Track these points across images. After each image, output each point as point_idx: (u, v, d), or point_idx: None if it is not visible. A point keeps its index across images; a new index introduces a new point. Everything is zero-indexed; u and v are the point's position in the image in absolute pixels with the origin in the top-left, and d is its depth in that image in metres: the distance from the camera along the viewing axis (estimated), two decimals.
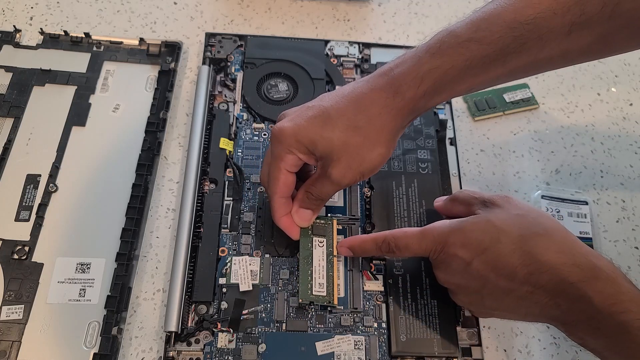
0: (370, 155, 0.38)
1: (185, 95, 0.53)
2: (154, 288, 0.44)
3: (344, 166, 0.38)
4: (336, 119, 0.38)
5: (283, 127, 0.38)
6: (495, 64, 0.36)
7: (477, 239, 0.35)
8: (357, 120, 0.37)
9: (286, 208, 0.42)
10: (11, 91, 0.50)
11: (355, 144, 0.37)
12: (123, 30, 0.56)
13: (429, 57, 0.37)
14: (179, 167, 0.49)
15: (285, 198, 0.41)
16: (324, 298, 0.41)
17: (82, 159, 0.48)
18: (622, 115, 0.55)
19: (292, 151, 0.39)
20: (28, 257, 0.43)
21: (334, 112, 0.38)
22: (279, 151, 0.39)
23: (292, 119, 0.39)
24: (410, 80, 0.37)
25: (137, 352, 0.41)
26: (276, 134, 0.39)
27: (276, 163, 0.40)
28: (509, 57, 0.36)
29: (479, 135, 0.53)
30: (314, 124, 0.38)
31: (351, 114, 0.38)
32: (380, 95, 0.38)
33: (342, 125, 0.37)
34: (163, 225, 0.46)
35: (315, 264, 0.42)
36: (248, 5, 0.59)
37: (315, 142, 0.38)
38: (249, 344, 0.40)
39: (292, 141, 0.38)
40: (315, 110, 0.39)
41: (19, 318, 0.41)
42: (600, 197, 0.50)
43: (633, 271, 0.47)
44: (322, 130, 0.38)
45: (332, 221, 0.44)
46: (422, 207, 0.46)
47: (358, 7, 0.60)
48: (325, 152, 0.38)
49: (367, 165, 0.38)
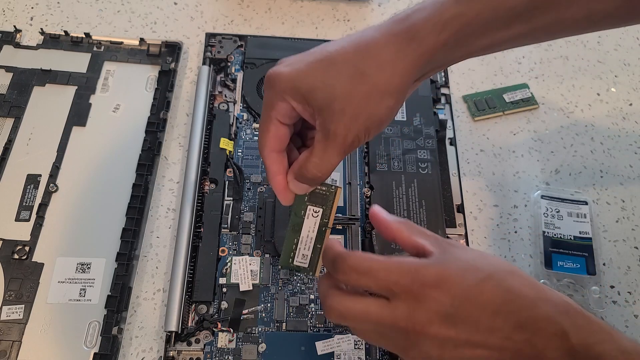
0: (379, 106, 0.33)
1: (185, 95, 0.53)
2: (154, 288, 0.44)
3: (348, 119, 0.33)
4: (341, 64, 0.33)
5: (279, 71, 0.34)
6: (520, 19, 0.34)
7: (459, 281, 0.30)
8: (365, 67, 0.33)
9: (279, 164, 0.36)
10: (11, 91, 0.50)
11: (361, 92, 0.33)
12: (123, 30, 0.56)
13: (454, 3, 0.33)
14: (179, 167, 0.49)
15: (277, 152, 0.36)
16: (305, 269, 0.37)
17: (83, 159, 0.48)
18: (621, 115, 0.55)
19: (285, 98, 0.34)
20: (28, 257, 0.43)
21: (339, 57, 0.33)
22: (271, 98, 0.34)
23: (291, 63, 0.34)
24: (430, 26, 0.33)
25: (137, 352, 0.41)
26: (270, 78, 0.34)
27: (267, 111, 0.35)
28: (535, 12, 0.33)
29: (479, 135, 0.53)
30: (315, 69, 0.33)
31: (359, 59, 0.33)
32: (394, 40, 0.33)
33: (348, 71, 0.33)
34: (163, 225, 0.47)
35: (303, 235, 0.37)
36: (248, 6, 0.59)
37: (314, 90, 0.33)
38: (249, 344, 0.40)
39: (288, 87, 0.33)
40: (318, 54, 0.34)
41: (19, 318, 0.41)
42: (600, 197, 0.51)
43: (633, 271, 0.47)
44: (324, 75, 0.33)
45: (336, 190, 0.37)
46: (422, 207, 0.46)
47: (358, 7, 0.60)
48: (325, 102, 0.33)
49: (374, 119, 0.33)
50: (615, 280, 0.46)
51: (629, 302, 0.45)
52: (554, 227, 0.47)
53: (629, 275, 0.47)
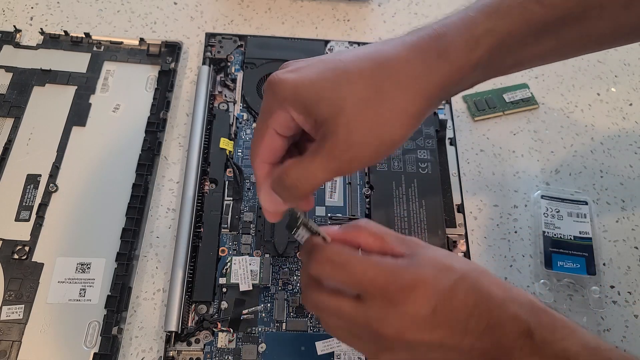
0: (391, 130, 0.29)
1: (185, 95, 0.53)
2: (154, 288, 0.44)
3: (351, 136, 0.29)
4: (355, 76, 0.29)
5: (283, 77, 0.30)
6: (549, 34, 0.31)
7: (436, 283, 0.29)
8: (382, 83, 0.29)
9: (268, 177, 0.33)
10: (11, 91, 0.50)
11: (374, 112, 0.29)
12: (123, 30, 0.56)
13: (485, 18, 0.30)
14: (179, 167, 0.49)
15: (268, 164, 0.33)
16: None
17: (82, 159, 0.48)
18: (621, 115, 0.55)
19: (286, 107, 0.30)
20: (28, 257, 0.43)
21: (354, 68, 0.30)
22: (270, 105, 0.31)
23: (298, 69, 0.31)
24: (462, 42, 0.29)
25: (137, 352, 0.41)
26: (272, 83, 0.30)
27: (264, 119, 0.31)
28: (564, 27, 0.31)
29: (479, 135, 0.53)
30: (325, 79, 0.30)
31: (376, 74, 0.29)
32: (420, 57, 0.30)
33: (362, 85, 0.29)
34: (163, 225, 0.47)
35: None
36: (248, 5, 0.59)
37: (320, 101, 0.29)
38: (249, 344, 0.40)
39: (290, 95, 0.30)
40: (329, 62, 0.30)
41: (19, 318, 0.41)
42: (600, 197, 0.51)
43: (633, 271, 0.47)
44: (334, 87, 0.29)
45: None
46: (422, 207, 0.46)
47: (358, 7, 0.60)
48: (330, 114, 0.29)
49: (385, 144, 0.30)
50: (615, 280, 0.46)
51: (629, 302, 0.45)
52: (554, 227, 0.47)
53: (629, 275, 0.47)
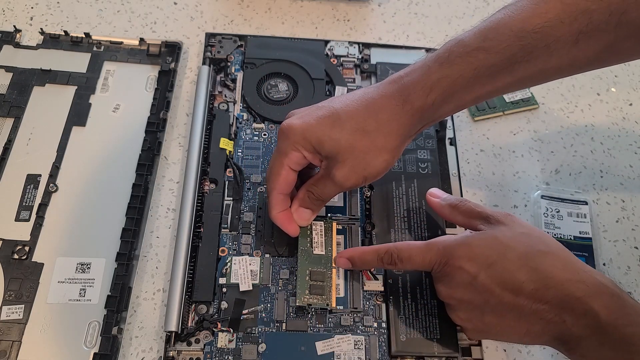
0: (376, 160, 0.38)
1: (185, 95, 0.53)
2: (154, 288, 0.44)
3: (348, 169, 0.38)
4: (345, 120, 0.38)
5: (292, 124, 0.39)
6: (503, 73, 0.36)
7: (483, 253, 0.35)
8: (366, 124, 0.38)
9: (283, 205, 0.42)
10: (11, 91, 0.50)
11: (362, 147, 0.38)
12: (123, 30, 0.56)
13: (438, 67, 0.37)
14: (179, 167, 0.49)
15: (283, 195, 0.41)
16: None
17: (82, 159, 0.48)
18: (621, 115, 0.55)
19: (297, 148, 0.39)
20: (28, 257, 0.43)
21: (344, 114, 0.38)
22: (284, 147, 0.39)
23: (302, 117, 0.39)
24: (419, 89, 0.37)
25: (137, 352, 0.41)
26: (284, 130, 0.39)
27: (280, 158, 0.40)
28: (516, 66, 0.36)
29: (479, 135, 0.53)
30: (323, 124, 0.38)
31: (361, 117, 0.38)
32: (390, 102, 0.38)
33: (351, 127, 0.38)
34: (163, 225, 0.47)
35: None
36: (248, 6, 0.59)
37: (322, 142, 0.38)
38: (249, 344, 0.40)
39: (300, 138, 0.38)
40: (325, 110, 0.39)
41: (19, 318, 0.41)
42: (600, 197, 0.51)
43: (633, 271, 0.47)
44: (330, 130, 0.38)
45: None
46: (422, 207, 0.46)
47: (358, 7, 0.60)
48: (331, 153, 0.38)
49: (371, 170, 0.39)
50: (615, 280, 0.46)
51: None
52: (554, 227, 0.47)
53: (629, 275, 0.47)
